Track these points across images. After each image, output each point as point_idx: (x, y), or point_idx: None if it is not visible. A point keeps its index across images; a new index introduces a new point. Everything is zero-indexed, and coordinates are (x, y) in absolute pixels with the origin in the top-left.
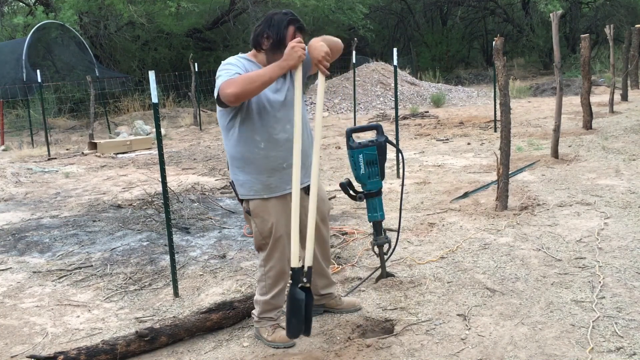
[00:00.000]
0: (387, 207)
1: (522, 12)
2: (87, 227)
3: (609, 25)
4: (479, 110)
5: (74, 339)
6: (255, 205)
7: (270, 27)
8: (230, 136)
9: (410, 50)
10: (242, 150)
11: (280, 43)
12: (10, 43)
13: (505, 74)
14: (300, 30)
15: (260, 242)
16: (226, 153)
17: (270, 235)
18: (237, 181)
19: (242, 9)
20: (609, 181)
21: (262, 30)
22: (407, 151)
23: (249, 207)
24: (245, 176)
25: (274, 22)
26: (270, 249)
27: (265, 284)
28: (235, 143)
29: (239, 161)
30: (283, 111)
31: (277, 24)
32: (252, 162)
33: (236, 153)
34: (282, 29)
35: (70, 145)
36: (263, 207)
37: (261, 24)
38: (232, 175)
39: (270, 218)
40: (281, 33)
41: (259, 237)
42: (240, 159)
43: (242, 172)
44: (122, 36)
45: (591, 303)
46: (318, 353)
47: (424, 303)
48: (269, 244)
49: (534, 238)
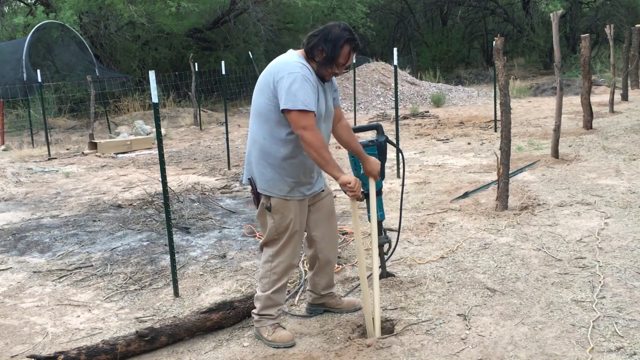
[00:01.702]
0: (387, 207)
1: (523, 12)
2: (87, 227)
3: (609, 25)
4: (479, 110)
5: (74, 338)
6: (277, 202)
7: (326, 42)
8: (276, 133)
9: (411, 50)
10: (287, 152)
11: (333, 60)
12: (10, 43)
13: (505, 74)
14: (354, 49)
15: (273, 237)
16: (255, 145)
17: (286, 231)
18: (264, 176)
19: (242, 8)
20: (609, 181)
21: (317, 42)
22: (407, 151)
23: (269, 204)
24: (275, 174)
25: (331, 37)
26: (284, 244)
27: (269, 279)
28: (281, 142)
29: (277, 162)
30: (326, 122)
31: (334, 41)
32: (291, 165)
33: (277, 153)
34: (337, 47)
35: (71, 145)
36: (285, 204)
37: (318, 35)
38: (259, 171)
39: (289, 214)
40: (337, 51)
41: (274, 233)
42: (280, 158)
43: (273, 169)
44: (122, 36)
45: (591, 303)
46: (318, 353)
47: (424, 303)
48: (282, 239)
49: (534, 238)
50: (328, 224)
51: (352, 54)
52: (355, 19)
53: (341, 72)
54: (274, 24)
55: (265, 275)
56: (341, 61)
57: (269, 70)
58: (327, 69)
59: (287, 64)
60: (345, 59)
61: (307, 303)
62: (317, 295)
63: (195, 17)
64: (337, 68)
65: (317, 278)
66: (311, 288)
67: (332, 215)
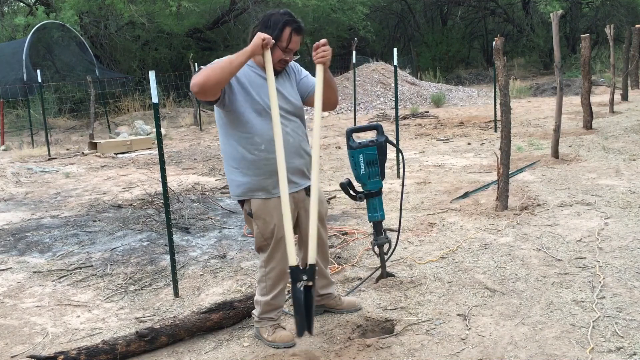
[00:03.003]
0: (387, 207)
1: (523, 12)
2: (87, 227)
3: (609, 25)
4: (479, 110)
5: (74, 338)
6: (257, 206)
7: (267, 28)
8: (229, 136)
9: (411, 50)
10: (243, 151)
11: (276, 45)
12: (11, 43)
13: (505, 74)
14: (297, 31)
15: (262, 244)
16: (223, 154)
17: (272, 237)
18: (235, 182)
19: (242, 8)
20: (609, 181)
21: (259, 31)
22: (407, 151)
23: (250, 209)
24: (244, 177)
25: (270, 23)
26: (272, 250)
27: (265, 285)
28: (235, 143)
29: (237, 162)
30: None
31: (274, 25)
32: (253, 163)
33: (236, 154)
34: (277, 30)
35: (71, 145)
36: (264, 208)
37: (258, 25)
38: (229, 178)
39: (272, 220)
40: (278, 35)
41: (260, 239)
42: (241, 159)
43: (240, 173)
44: (123, 36)
45: (591, 303)
46: (318, 353)
47: (424, 303)
48: (270, 245)
49: (534, 238)
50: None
51: (296, 37)
52: (356, 20)
53: (290, 57)
54: None
55: (261, 280)
56: (284, 44)
57: None
58: (275, 55)
59: None
60: (288, 42)
61: None
62: (316, 297)
63: (195, 17)
64: (284, 54)
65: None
66: None
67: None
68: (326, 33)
